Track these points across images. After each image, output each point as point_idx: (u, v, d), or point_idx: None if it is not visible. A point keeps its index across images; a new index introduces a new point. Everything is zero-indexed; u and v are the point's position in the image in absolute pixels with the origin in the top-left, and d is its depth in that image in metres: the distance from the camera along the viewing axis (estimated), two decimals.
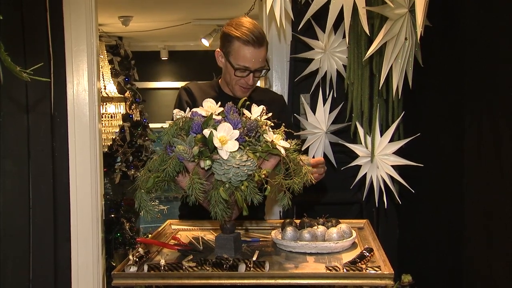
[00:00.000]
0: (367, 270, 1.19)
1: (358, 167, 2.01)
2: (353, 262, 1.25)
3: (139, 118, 4.99)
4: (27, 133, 2.46)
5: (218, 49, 1.86)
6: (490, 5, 1.65)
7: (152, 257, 1.38)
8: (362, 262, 1.26)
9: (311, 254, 1.38)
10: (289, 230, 1.42)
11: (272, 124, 1.40)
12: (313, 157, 2.15)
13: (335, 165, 2.24)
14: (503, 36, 1.57)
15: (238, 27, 1.77)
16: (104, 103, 4.22)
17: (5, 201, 2.42)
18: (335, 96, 2.19)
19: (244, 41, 1.74)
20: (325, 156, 2.20)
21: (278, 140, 1.35)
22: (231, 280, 1.19)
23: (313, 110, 2.16)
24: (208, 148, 1.27)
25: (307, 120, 2.16)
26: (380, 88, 1.95)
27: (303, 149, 2.13)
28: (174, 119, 1.39)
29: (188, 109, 1.42)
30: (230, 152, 1.27)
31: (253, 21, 1.81)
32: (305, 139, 2.17)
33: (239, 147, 1.28)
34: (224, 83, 1.90)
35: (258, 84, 1.99)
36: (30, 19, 2.44)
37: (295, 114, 2.35)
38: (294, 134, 2.15)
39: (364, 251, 1.32)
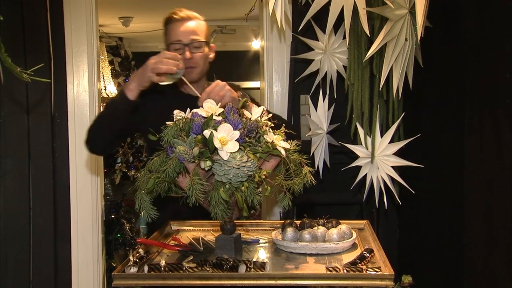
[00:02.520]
0: (367, 271, 1.19)
1: (358, 168, 2.01)
2: (353, 263, 1.25)
3: None
4: (27, 134, 2.47)
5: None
6: (491, 5, 1.65)
7: (152, 257, 1.38)
8: (363, 263, 1.26)
9: (311, 255, 1.38)
10: (289, 231, 1.42)
11: (272, 125, 1.40)
12: (317, 163, 2.16)
13: (329, 166, 2.24)
14: (503, 36, 1.57)
15: (169, 14, 1.87)
16: (104, 104, 4.22)
17: (6, 201, 2.42)
18: (335, 96, 2.19)
19: (172, 20, 1.84)
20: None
21: (279, 140, 1.35)
22: (232, 281, 1.19)
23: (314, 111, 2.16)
24: (209, 148, 1.27)
25: (311, 118, 2.17)
26: (380, 89, 1.95)
27: (311, 153, 2.14)
28: (174, 120, 1.39)
29: (188, 110, 1.43)
30: (231, 152, 1.27)
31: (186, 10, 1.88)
32: (306, 140, 2.17)
33: (239, 148, 1.28)
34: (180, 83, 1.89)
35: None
36: (31, 19, 2.44)
37: (306, 115, 2.34)
38: (307, 135, 2.15)
39: (364, 252, 1.32)
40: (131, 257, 1.28)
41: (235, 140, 1.28)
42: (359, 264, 1.25)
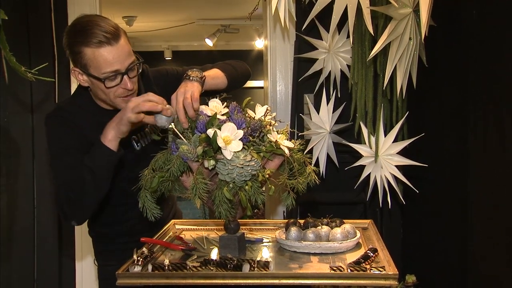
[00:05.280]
0: (371, 271, 1.19)
1: (362, 167, 2.00)
2: (357, 263, 1.25)
3: None
4: (31, 133, 2.47)
5: (73, 69, 1.51)
6: (494, 4, 1.64)
7: (156, 256, 1.38)
8: (367, 263, 1.26)
9: (315, 254, 1.38)
10: (293, 230, 1.42)
11: (276, 124, 1.40)
12: (316, 158, 2.16)
13: (338, 165, 2.24)
14: (507, 35, 1.56)
15: (80, 32, 1.43)
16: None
17: (10, 200, 2.43)
18: (339, 96, 2.19)
19: (96, 44, 1.39)
20: (328, 156, 2.20)
21: (282, 140, 1.35)
22: (235, 280, 1.19)
23: (317, 110, 2.16)
24: (212, 148, 1.27)
25: (311, 120, 2.16)
26: (384, 88, 1.94)
27: (307, 149, 2.14)
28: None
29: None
30: (234, 152, 1.27)
31: (91, 15, 1.49)
32: (309, 139, 2.17)
33: (243, 147, 1.28)
34: (99, 100, 1.57)
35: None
36: (35, 19, 2.45)
37: (300, 114, 2.35)
38: (299, 134, 2.16)
39: (368, 251, 1.32)
40: (135, 256, 1.28)
41: (239, 139, 1.28)
42: (363, 264, 1.25)
